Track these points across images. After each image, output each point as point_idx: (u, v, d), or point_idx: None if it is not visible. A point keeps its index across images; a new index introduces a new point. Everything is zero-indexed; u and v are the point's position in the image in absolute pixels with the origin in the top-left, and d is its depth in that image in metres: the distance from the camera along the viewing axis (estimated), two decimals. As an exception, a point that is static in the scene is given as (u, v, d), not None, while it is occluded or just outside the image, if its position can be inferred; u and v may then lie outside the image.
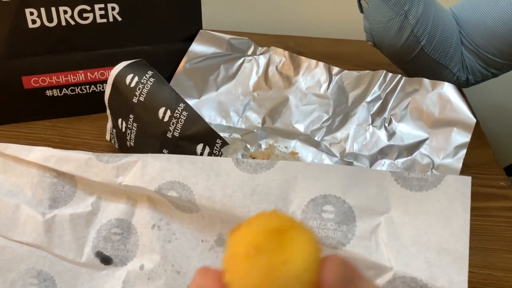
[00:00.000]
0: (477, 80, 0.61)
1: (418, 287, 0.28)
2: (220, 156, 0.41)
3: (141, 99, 0.43)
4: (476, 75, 0.60)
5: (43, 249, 0.35)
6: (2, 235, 0.35)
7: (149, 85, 0.43)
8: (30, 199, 0.36)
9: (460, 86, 0.61)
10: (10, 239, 0.35)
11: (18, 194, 0.36)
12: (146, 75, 0.43)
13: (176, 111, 0.41)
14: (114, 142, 0.49)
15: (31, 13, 0.49)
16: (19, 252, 0.35)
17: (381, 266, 0.29)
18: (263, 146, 0.52)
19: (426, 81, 0.50)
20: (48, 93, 0.53)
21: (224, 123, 0.55)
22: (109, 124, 0.49)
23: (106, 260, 0.35)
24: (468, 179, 0.30)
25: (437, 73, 0.59)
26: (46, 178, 0.36)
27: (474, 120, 0.47)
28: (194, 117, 0.41)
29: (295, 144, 0.51)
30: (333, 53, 0.71)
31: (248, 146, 0.52)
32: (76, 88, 0.54)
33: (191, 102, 0.55)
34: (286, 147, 0.51)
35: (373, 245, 0.30)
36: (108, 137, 0.50)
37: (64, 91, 0.54)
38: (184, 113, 0.41)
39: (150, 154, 0.35)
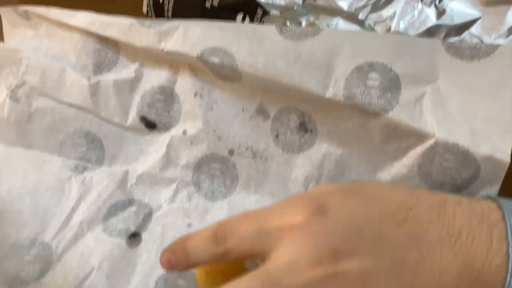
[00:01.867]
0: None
1: (459, 153, 0.28)
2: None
3: (179, -35, 0.41)
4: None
5: (89, 112, 0.37)
6: (51, 97, 0.36)
7: (187, -50, 0.40)
8: (75, 64, 0.37)
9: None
10: (58, 101, 0.36)
11: (62, 59, 0.37)
12: None
13: (216, -21, 0.40)
14: (151, 15, 0.48)
15: None
16: (67, 114, 0.37)
17: (423, 133, 0.29)
18: (303, 24, 0.50)
19: (486, -47, 0.46)
20: (82, -37, 0.51)
21: None
22: (146, -4, 0.48)
23: (150, 125, 0.37)
24: (525, 48, 0.29)
25: None
26: (89, 44, 0.36)
27: (535, -2, 0.43)
28: (234, -15, 0.40)
29: (337, 22, 0.49)
30: None
31: (288, 23, 0.50)
32: (110, -42, 0.52)
33: (229, -24, 0.52)
34: (327, 24, 0.49)
35: (417, 113, 0.30)
36: (145, 9, 0.49)
37: (98, -39, 0.52)
38: (224, -19, 0.39)
39: (191, 20, 0.35)
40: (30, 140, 0.37)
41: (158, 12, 0.46)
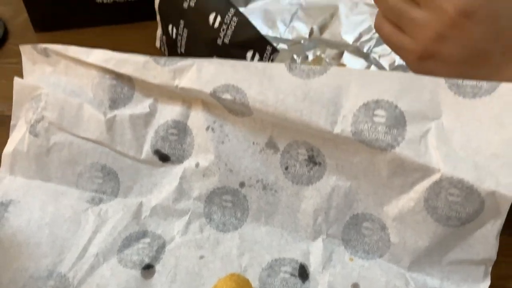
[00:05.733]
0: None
1: (464, 188, 0.29)
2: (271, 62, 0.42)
3: (191, 4, 0.43)
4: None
5: (105, 146, 0.38)
6: (69, 131, 0.38)
7: (199, -10, 0.43)
8: (91, 99, 0.38)
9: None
10: (76, 135, 0.38)
11: (80, 94, 0.38)
12: (197, -21, 0.43)
13: (226, 17, 0.41)
14: (164, 50, 0.50)
15: None
16: (84, 148, 0.38)
17: (429, 168, 0.30)
18: (310, 57, 0.52)
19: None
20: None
21: (270, 33, 0.54)
22: (159, 31, 0.50)
23: (164, 158, 0.38)
24: (525, 87, 0.30)
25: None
26: (106, 80, 0.38)
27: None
28: (244, 23, 0.41)
29: (343, 56, 0.51)
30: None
31: (295, 57, 0.52)
32: (124, -6, 0.54)
33: (238, 11, 0.54)
34: (333, 58, 0.51)
35: (422, 149, 0.31)
36: (158, 44, 0.51)
37: (113, -3, 0.54)
38: (235, 19, 0.41)
39: (204, 58, 0.36)
40: (48, 173, 0.38)
41: (171, 47, 0.48)
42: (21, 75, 0.41)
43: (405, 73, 0.33)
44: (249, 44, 0.41)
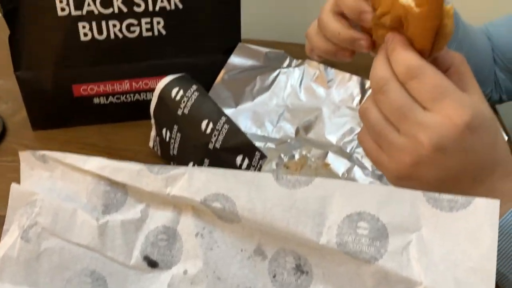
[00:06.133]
0: (511, 98, 0.61)
1: (447, 303, 0.30)
2: (259, 167, 0.44)
3: (186, 111, 0.46)
4: (510, 94, 0.60)
5: (96, 251, 0.38)
6: (61, 237, 0.38)
7: (193, 99, 0.46)
8: (85, 204, 0.39)
9: (493, 104, 0.62)
10: (68, 240, 0.38)
11: (74, 199, 0.40)
12: (191, 89, 0.46)
13: (218, 124, 0.44)
14: (157, 149, 0.52)
15: (83, 27, 0.52)
16: (75, 253, 0.38)
17: (411, 281, 0.31)
18: (296, 156, 0.54)
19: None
20: (96, 100, 0.57)
21: (259, 132, 0.57)
22: (153, 133, 0.52)
23: (152, 264, 0.38)
24: (496, 202, 0.32)
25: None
26: (100, 186, 0.39)
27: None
28: (234, 130, 0.44)
29: (327, 155, 0.54)
30: (369, 66, 0.72)
31: (282, 155, 0.54)
32: (121, 96, 0.57)
33: (228, 111, 0.58)
34: (318, 158, 0.54)
35: (404, 261, 0.32)
36: (151, 144, 0.53)
37: (110, 99, 0.57)
38: (226, 126, 0.44)
39: (196, 167, 0.38)
40: (37, 278, 0.38)
41: (164, 148, 0.50)
42: (16, 174, 0.42)
43: (385, 186, 0.35)
44: (239, 149, 0.44)
